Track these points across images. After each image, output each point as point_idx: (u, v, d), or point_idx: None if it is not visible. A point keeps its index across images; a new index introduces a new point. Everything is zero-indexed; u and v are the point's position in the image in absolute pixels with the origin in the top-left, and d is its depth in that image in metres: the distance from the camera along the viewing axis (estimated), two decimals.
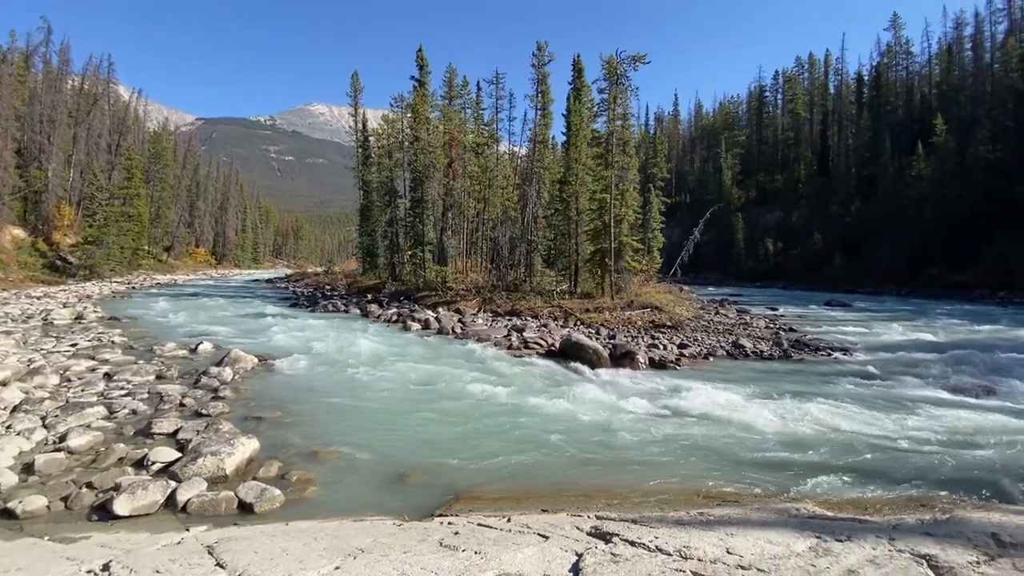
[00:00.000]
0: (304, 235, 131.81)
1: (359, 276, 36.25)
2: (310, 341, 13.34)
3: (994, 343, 13.57)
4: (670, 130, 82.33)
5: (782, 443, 6.39)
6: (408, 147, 29.90)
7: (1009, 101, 41.90)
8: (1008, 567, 2.76)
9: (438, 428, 6.96)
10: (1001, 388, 8.87)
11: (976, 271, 34.89)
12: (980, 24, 51.08)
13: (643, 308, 18.68)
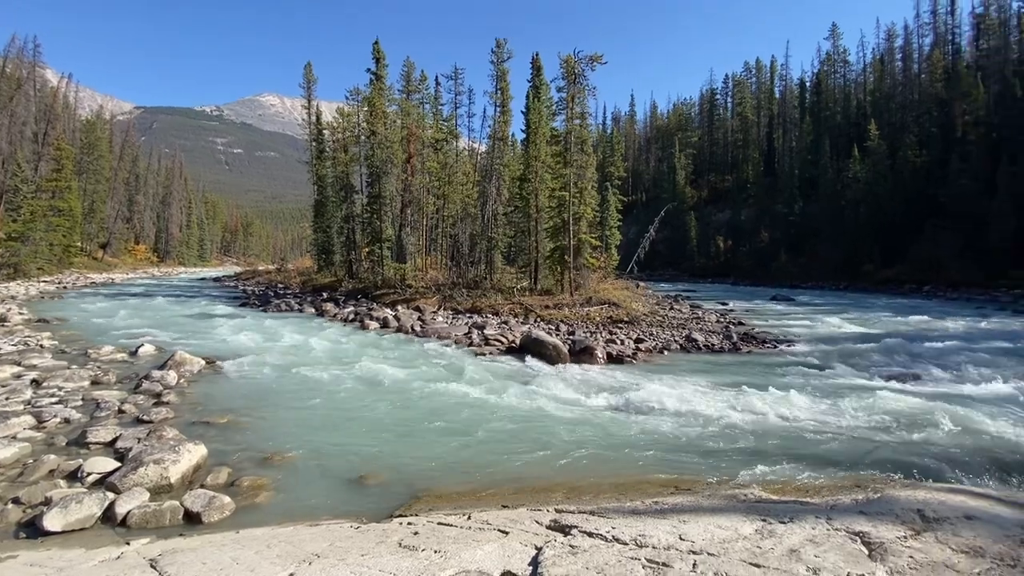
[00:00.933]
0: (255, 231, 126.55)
1: (314, 274, 35.20)
2: (262, 342, 12.86)
3: (919, 334, 14.66)
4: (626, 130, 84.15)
5: (732, 432, 6.68)
6: (365, 141, 29.22)
7: (933, 109, 45.25)
8: (931, 540, 2.99)
9: (397, 428, 6.86)
10: (925, 375, 9.60)
11: (905, 267, 37.56)
12: (909, 36, 54.80)
13: (601, 304, 19.04)
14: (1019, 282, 30.46)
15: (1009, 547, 2.97)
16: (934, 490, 3.89)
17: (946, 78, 45.78)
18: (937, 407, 7.37)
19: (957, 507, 3.46)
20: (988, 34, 45.63)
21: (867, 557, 2.74)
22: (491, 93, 25.83)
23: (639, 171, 79.85)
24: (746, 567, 2.58)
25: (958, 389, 8.72)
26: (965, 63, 46.43)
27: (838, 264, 41.88)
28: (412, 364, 10.69)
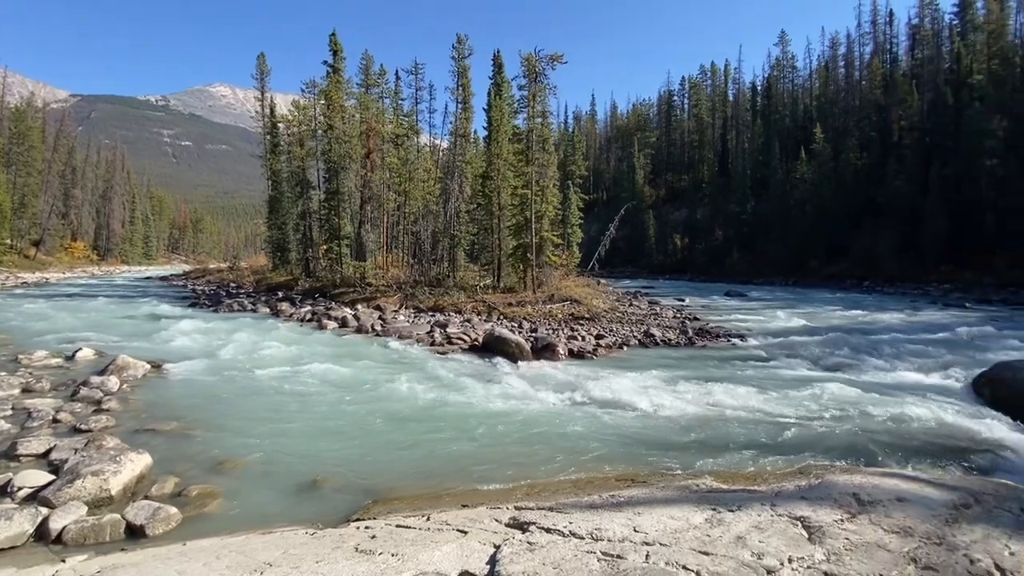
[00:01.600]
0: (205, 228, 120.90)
1: (269, 272, 34.02)
2: (212, 344, 12.33)
3: (859, 327, 15.57)
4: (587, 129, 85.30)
5: (687, 424, 6.90)
6: (322, 136, 28.44)
7: (873, 114, 48.03)
8: (866, 522, 3.19)
9: (355, 430, 6.73)
10: (863, 365, 10.22)
11: (847, 263, 39.79)
12: (851, 45, 57.87)
13: (563, 301, 19.26)
14: (948, 277, 32.81)
15: (935, 526, 3.20)
16: (869, 474, 4.14)
17: (884, 85, 48.66)
18: (873, 396, 7.85)
19: (890, 490, 3.70)
20: (923, 44, 48.75)
21: (807, 540, 2.90)
22: (452, 89, 25.65)
23: (600, 170, 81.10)
24: (695, 555, 2.68)
25: (892, 378, 9.31)
26: (902, 71, 49.46)
27: (787, 261, 43.93)
28: (372, 364, 10.51)
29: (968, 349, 11.60)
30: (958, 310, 20.83)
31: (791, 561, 2.66)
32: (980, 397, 7.99)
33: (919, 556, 2.78)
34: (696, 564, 2.59)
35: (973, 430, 6.63)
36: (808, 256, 42.82)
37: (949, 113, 38.69)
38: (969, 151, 34.74)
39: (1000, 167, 33.04)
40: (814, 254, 42.57)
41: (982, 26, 41.66)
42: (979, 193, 33.59)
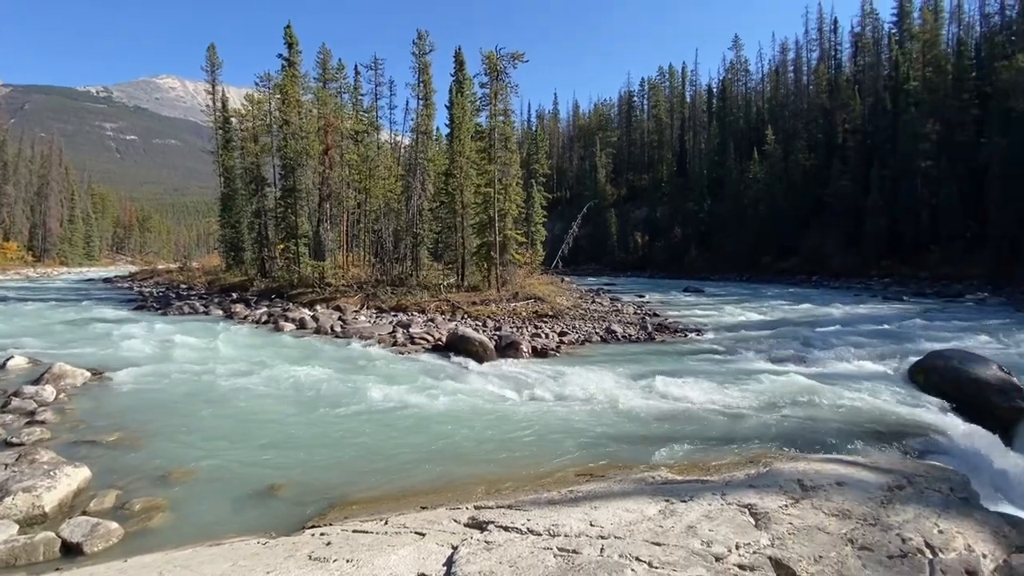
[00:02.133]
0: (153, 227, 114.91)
1: (222, 273, 32.69)
2: (160, 349, 11.75)
3: (807, 319, 16.34)
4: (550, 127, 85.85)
5: (645, 417, 7.07)
6: (277, 131, 27.50)
7: (819, 117, 50.43)
8: (808, 507, 3.35)
9: (313, 434, 6.56)
10: (810, 357, 10.73)
11: (797, 259, 41.70)
12: (799, 51, 60.57)
13: (527, 299, 19.37)
14: (888, 271, 34.87)
15: (871, 508, 3.39)
16: (813, 461, 4.35)
17: (829, 90, 51.16)
18: (820, 385, 8.25)
19: (830, 475, 3.89)
20: (864, 52, 51.52)
21: (753, 527, 3.02)
22: (413, 85, 25.31)
23: (563, 168, 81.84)
24: (648, 546, 2.74)
25: (837, 368, 9.82)
26: (845, 77, 52.10)
27: (741, 258, 45.63)
28: (331, 366, 10.26)
29: (904, 339, 12.35)
30: (897, 303, 22.16)
31: (738, 547, 2.77)
32: (915, 384, 8.53)
33: (856, 537, 2.94)
34: (648, 555, 2.65)
35: (908, 415, 7.08)
36: (761, 253, 44.61)
37: (888, 117, 41.05)
38: (906, 153, 36.97)
39: (933, 168, 35.32)
40: (767, 251, 44.39)
41: (918, 35, 44.40)
42: (915, 193, 35.81)
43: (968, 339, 12.08)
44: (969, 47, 40.52)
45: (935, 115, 37.13)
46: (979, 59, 38.79)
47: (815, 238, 41.11)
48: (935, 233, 34.24)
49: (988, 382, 7.79)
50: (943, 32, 46.29)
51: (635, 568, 2.53)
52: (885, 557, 2.77)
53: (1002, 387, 7.70)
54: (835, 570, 2.61)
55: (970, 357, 8.49)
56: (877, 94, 44.98)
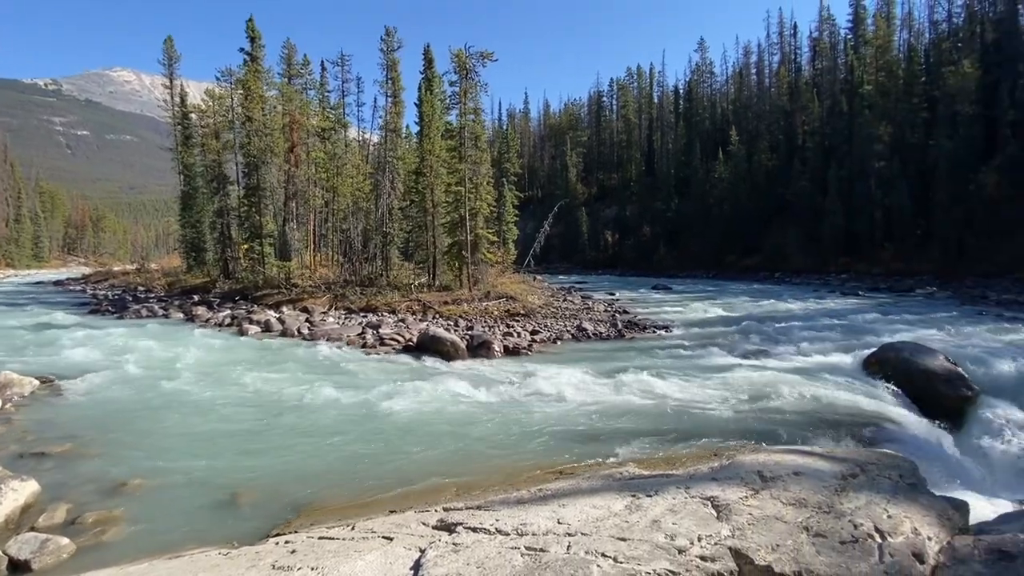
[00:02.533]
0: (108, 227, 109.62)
1: (183, 274, 31.53)
2: (116, 354, 11.26)
3: (769, 315, 16.88)
4: (521, 126, 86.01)
5: (615, 413, 7.17)
6: (240, 128, 26.69)
7: (781, 119, 52.11)
8: (767, 497, 3.46)
9: (278, 440, 6.40)
10: (772, 351, 11.10)
11: (760, 257, 43.00)
12: (761, 54, 62.42)
13: (499, 298, 19.37)
14: (845, 268, 36.33)
15: (826, 496, 3.53)
16: (773, 452, 4.50)
17: (790, 92, 52.91)
18: (781, 378, 8.55)
19: (789, 466, 4.03)
20: (822, 56, 53.45)
21: (715, 519, 3.10)
22: (381, 82, 24.94)
23: (535, 168, 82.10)
24: (613, 542, 2.79)
25: (797, 362, 10.18)
26: (805, 80, 53.95)
27: (708, 256, 46.78)
28: (298, 370, 10.04)
29: (860, 333, 12.90)
30: (853, 298, 23.13)
31: (700, 539, 2.84)
32: (869, 375, 8.91)
33: (811, 525, 3.06)
34: (614, 550, 2.69)
35: (862, 406, 7.40)
36: (726, 251, 45.83)
37: (844, 119, 42.71)
38: (861, 154, 38.56)
39: (886, 169, 36.95)
40: (731, 249, 45.63)
41: (871, 41, 46.34)
42: (869, 193, 37.40)
43: (918, 331, 12.71)
44: (919, 53, 42.55)
45: (887, 118, 38.86)
46: (928, 64, 40.77)
47: (777, 236, 42.50)
48: (888, 231, 35.86)
49: (936, 372, 8.22)
50: (895, 38, 48.44)
51: (600, 564, 2.56)
52: (838, 543, 2.89)
53: (949, 377, 8.14)
54: (791, 557, 2.70)
55: (920, 349, 8.93)
56: (834, 97, 46.74)
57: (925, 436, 6.87)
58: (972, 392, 7.92)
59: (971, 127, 32.73)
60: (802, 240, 40.33)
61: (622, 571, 2.51)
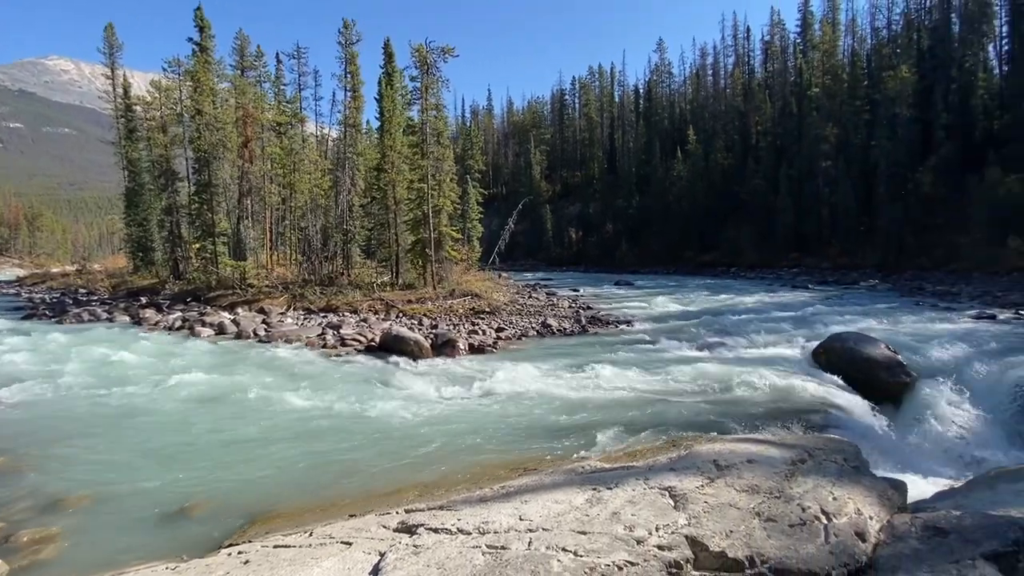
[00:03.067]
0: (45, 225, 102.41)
1: (129, 275, 29.89)
2: (54, 361, 10.57)
3: (726, 308, 17.46)
4: (485, 124, 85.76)
5: (579, 408, 7.25)
6: (189, 121, 25.47)
7: (736, 119, 53.88)
8: (722, 485, 3.56)
9: (232, 448, 6.16)
10: (728, 343, 11.48)
11: (717, 252, 44.42)
12: (717, 55, 64.36)
13: (464, 296, 19.28)
14: (796, 262, 38.00)
15: (777, 482, 3.66)
16: (728, 441, 4.64)
17: (744, 94, 54.80)
18: (737, 369, 8.85)
19: (743, 454, 4.17)
20: (773, 59, 55.60)
21: (672, 508, 3.17)
22: (340, 76, 24.35)
23: (499, 165, 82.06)
24: (574, 536, 2.81)
25: (752, 353, 10.57)
26: (758, 82, 55.98)
27: (668, 252, 48.01)
28: (254, 373, 9.69)
29: (809, 324, 13.50)
30: (803, 291, 24.20)
31: (658, 529, 2.90)
32: (817, 364, 9.35)
33: (762, 510, 3.17)
34: (574, 544, 2.71)
35: (811, 394, 7.75)
36: (685, 247, 47.15)
37: (794, 120, 44.62)
38: (809, 154, 40.38)
39: (832, 168, 38.82)
40: (690, 245, 46.97)
41: (818, 45, 48.55)
42: (817, 191, 39.22)
43: (862, 322, 13.41)
44: (862, 58, 44.84)
45: (834, 119, 40.80)
46: (870, 69, 43.01)
47: (732, 233, 44.04)
48: (835, 228, 37.70)
49: (878, 360, 8.70)
50: (840, 43, 50.90)
51: (561, 559, 2.58)
52: (787, 526, 3.01)
53: (889, 364, 8.63)
54: (744, 542, 2.79)
55: (863, 338, 9.43)
56: (785, 98, 48.74)
57: (868, 421, 7.27)
58: (910, 378, 8.43)
59: (909, 129, 34.78)
60: (756, 236, 41.92)
61: (582, 564, 2.53)
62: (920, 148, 34.64)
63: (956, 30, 38.66)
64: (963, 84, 34.65)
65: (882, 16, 49.08)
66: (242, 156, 23.77)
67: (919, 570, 2.63)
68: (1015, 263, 25.19)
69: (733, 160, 49.44)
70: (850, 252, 35.38)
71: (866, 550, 2.97)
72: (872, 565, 2.85)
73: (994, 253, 26.37)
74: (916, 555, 2.81)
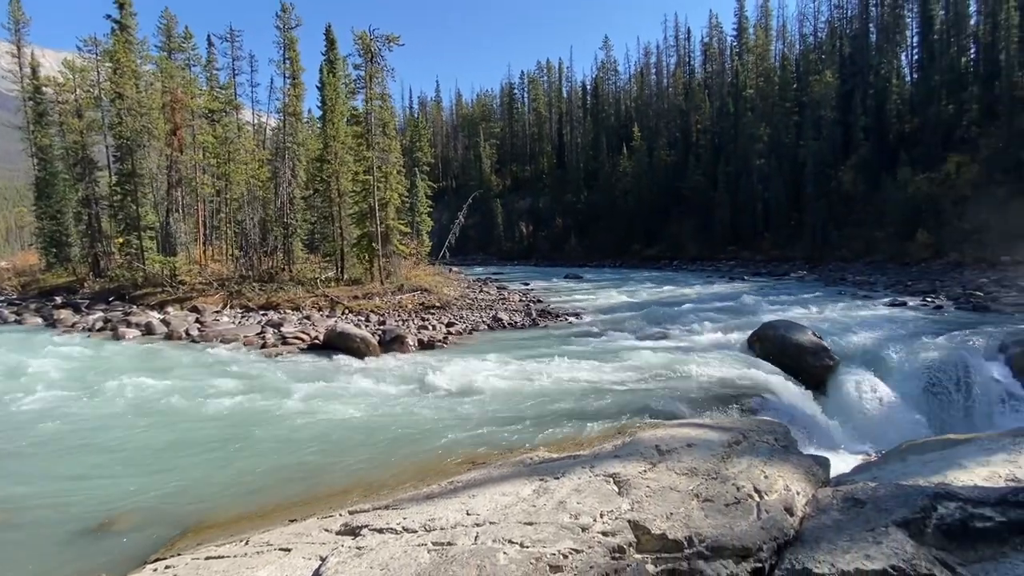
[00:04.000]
0: None
1: (41, 273, 27.29)
2: None
3: (669, 300, 18.13)
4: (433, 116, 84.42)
5: (529, 400, 7.30)
6: (109, 106, 23.49)
7: (677, 118, 55.81)
8: (663, 469, 3.69)
9: (160, 457, 5.76)
10: (671, 333, 11.92)
11: (661, 246, 46.04)
12: (660, 55, 66.23)
13: (413, 291, 18.94)
14: (733, 255, 39.95)
15: (714, 464, 3.83)
16: (670, 427, 4.82)
17: (685, 93, 56.79)
18: (678, 358, 9.20)
19: (683, 438, 4.34)
20: (711, 60, 57.95)
21: (617, 494, 3.25)
22: (278, 62, 23.15)
23: (448, 158, 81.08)
24: (521, 527, 2.82)
25: (692, 342, 11.02)
26: (698, 82, 58.18)
27: (614, 245, 49.27)
28: (185, 376, 9.10)
29: (745, 313, 14.26)
30: (739, 282, 25.51)
31: (602, 516, 2.96)
32: (752, 351, 9.88)
33: (700, 491, 3.31)
34: (520, 535, 2.72)
35: (747, 379, 8.18)
36: (631, 241, 48.55)
37: (730, 119, 46.76)
38: (744, 152, 42.49)
39: (765, 166, 41.05)
40: (636, 239, 48.42)
41: (752, 49, 51.04)
42: (752, 187, 41.37)
43: (792, 310, 14.30)
44: (791, 62, 47.56)
45: (766, 120, 43.11)
46: (799, 73, 45.68)
47: (675, 227, 45.77)
48: (767, 222, 39.95)
49: (805, 346, 9.30)
50: (772, 47, 53.73)
51: (507, 551, 2.58)
52: (723, 505, 3.15)
53: (815, 350, 9.25)
54: (683, 523, 2.90)
55: (792, 326, 10.05)
56: (723, 98, 50.94)
57: (797, 402, 7.76)
58: (833, 361, 9.07)
59: (832, 130, 37.30)
60: (696, 231, 43.76)
61: (528, 555, 2.54)
62: (842, 148, 37.25)
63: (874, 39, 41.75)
64: (879, 89, 37.46)
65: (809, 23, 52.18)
66: (171, 144, 22.19)
67: (839, 539, 2.83)
68: (922, 255, 27.65)
69: (675, 157, 51.23)
70: (781, 245, 37.59)
71: (794, 524, 3.16)
72: (799, 537, 3.04)
73: (905, 246, 28.83)
74: (837, 525, 3.02)
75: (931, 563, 2.57)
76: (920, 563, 2.55)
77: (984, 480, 3.40)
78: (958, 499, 3.07)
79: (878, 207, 32.03)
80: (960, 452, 4.13)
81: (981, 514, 2.95)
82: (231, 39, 26.83)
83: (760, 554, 2.83)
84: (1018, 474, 3.45)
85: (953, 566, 2.70)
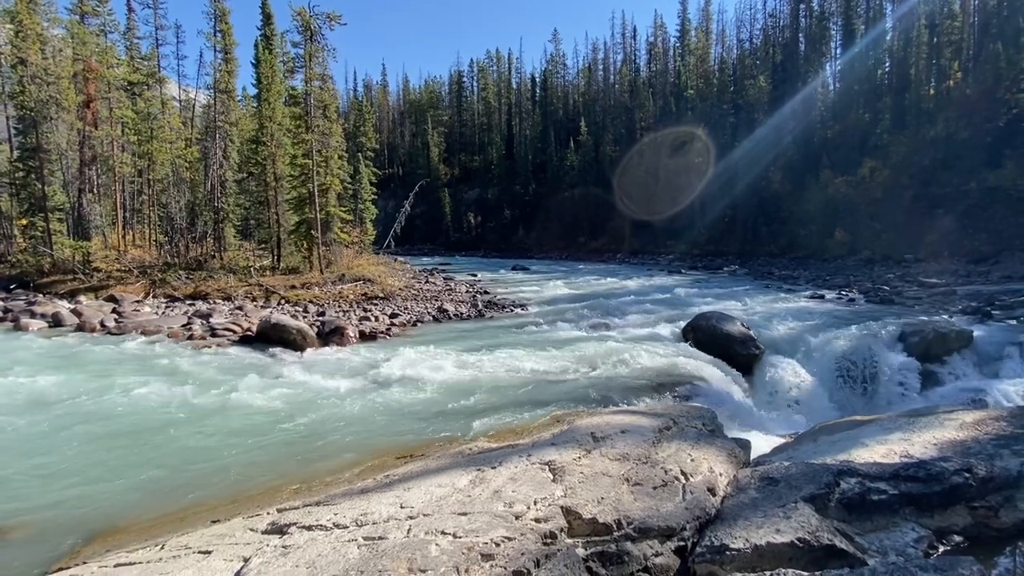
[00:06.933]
0: None
1: None
2: None
3: (612, 291, 18.68)
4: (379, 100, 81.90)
5: (471, 391, 7.29)
6: (9, 72, 21.07)
7: (623, 114, 57.15)
8: (597, 456, 3.79)
9: (69, 457, 5.29)
10: (612, 324, 12.29)
11: (605, 239, 47.27)
12: (607, 52, 67.41)
13: (355, 281, 18.38)
14: (671, 249, 41.64)
15: (645, 449, 3.99)
16: (605, 414, 4.97)
17: (630, 90, 58.20)
18: (618, 348, 9.49)
19: (617, 425, 4.48)
20: (656, 59, 59.65)
21: (551, 481, 3.32)
22: (208, 34, 21.63)
23: (395, 144, 79.06)
24: (455, 518, 2.81)
25: (632, 332, 11.40)
26: (642, 80, 59.74)
27: (561, 237, 50.07)
28: (97, 371, 8.39)
29: (681, 305, 14.92)
30: (677, 275, 26.66)
31: (536, 503, 3.00)
32: (686, 341, 10.36)
33: (631, 476, 3.43)
34: (454, 526, 2.71)
35: (680, 367, 8.56)
36: (578, 233, 49.54)
37: (672, 118, 48.48)
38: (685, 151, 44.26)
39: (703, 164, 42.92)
40: (581, 232, 49.44)
41: (693, 51, 52.99)
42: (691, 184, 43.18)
43: (723, 302, 15.10)
44: (729, 65, 49.80)
45: (705, 119, 45.03)
46: (735, 76, 47.97)
47: (618, 221, 47.09)
48: (703, 217, 41.90)
49: (734, 336, 9.86)
50: (712, 51, 56.02)
51: (439, 542, 2.56)
52: (651, 489, 3.29)
53: (743, 339, 9.83)
54: (613, 507, 3.00)
55: (723, 317, 10.61)
56: (666, 97, 52.70)
57: (726, 389, 8.21)
58: (759, 350, 9.68)
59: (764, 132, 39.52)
60: (638, 224, 45.22)
61: (460, 546, 2.54)
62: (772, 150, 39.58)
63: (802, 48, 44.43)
64: (805, 96, 40.02)
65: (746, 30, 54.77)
66: (83, 118, 20.20)
67: (754, 515, 3.02)
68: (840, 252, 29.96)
69: (620, 152, 52.56)
70: (716, 240, 39.55)
71: (715, 503, 3.35)
72: (720, 515, 3.22)
73: (825, 243, 31.13)
74: (753, 503, 3.22)
75: (832, 534, 2.80)
76: (823, 534, 2.77)
77: (882, 457, 3.73)
78: (858, 475, 3.36)
79: (802, 206, 34.34)
80: (863, 432, 4.51)
81: (877, 488, 3.24)
82: (154, 6, 24.77)
83: (683, 533, 2.98)
84: (911, 451, 3.81)
85: (852, 536, 2.96)
